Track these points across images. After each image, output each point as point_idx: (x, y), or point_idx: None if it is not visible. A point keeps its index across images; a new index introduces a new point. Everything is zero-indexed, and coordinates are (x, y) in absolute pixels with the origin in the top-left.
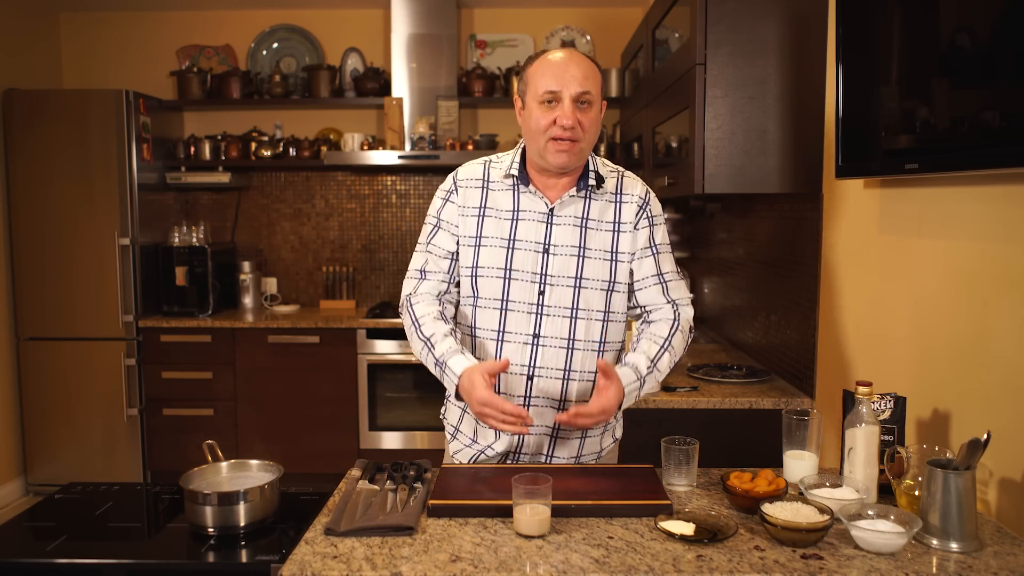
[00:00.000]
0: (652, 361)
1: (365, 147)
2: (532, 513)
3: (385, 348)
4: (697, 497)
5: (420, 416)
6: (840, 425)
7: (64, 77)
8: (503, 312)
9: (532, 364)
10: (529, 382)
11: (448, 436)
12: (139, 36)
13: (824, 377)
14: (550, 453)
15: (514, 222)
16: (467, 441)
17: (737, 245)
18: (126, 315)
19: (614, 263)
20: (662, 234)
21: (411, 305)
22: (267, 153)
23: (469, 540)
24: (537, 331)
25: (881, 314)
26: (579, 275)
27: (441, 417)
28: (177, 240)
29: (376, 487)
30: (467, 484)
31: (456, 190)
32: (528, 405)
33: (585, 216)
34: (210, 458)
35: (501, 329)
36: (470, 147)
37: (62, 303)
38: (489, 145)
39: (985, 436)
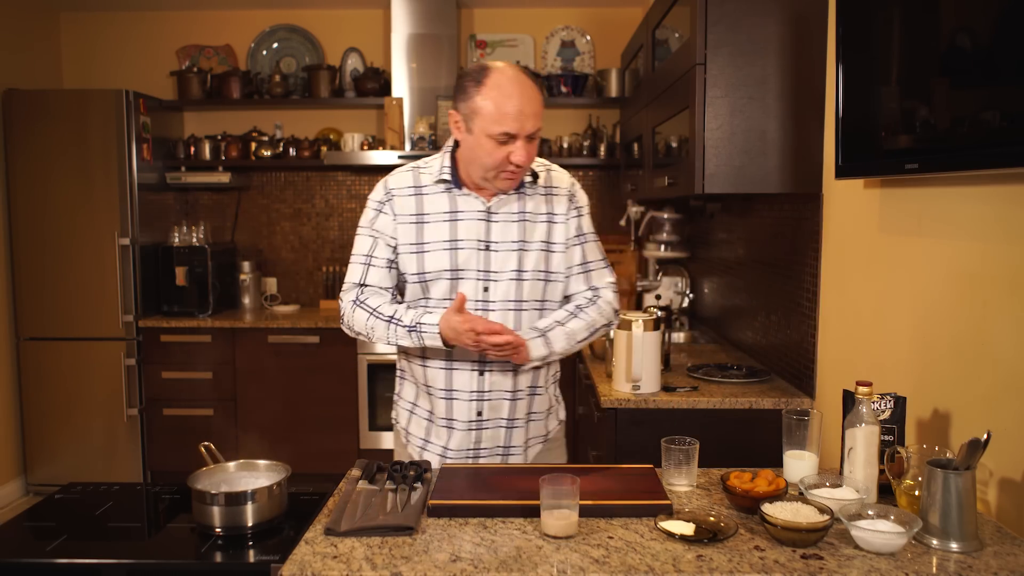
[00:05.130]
0: (558, 321)
1: (365, 147)
2: (559, 517)
3: (385, 348)
4: (697, 497)
5: None
6: (840, 425)
7: (64, 77)
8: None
9: (483, 359)
10: (481, 377)
11: (403, 440)
12: (139, 36)
13: (824, 377)
14: (508, 443)
15: (453, 223)
16: (419, 443)
17: (737, 245)
18: (126, 315)
19: (548, 253)
20: (588, 223)
21: (362, 302)
22: (267, 153)
23: (469, 540)
24: None
25: (881, 314)
26: (519, 268)
27: (393, 420)
28: (177, 240)
29: (376, 487)
30: (467, 484)
31: (390, 200)
32: (483, 399)
33: (522, 211)
34: (209, 460)
35: None
36: None
37: (62, 303)
38: None
39: (985, 436)
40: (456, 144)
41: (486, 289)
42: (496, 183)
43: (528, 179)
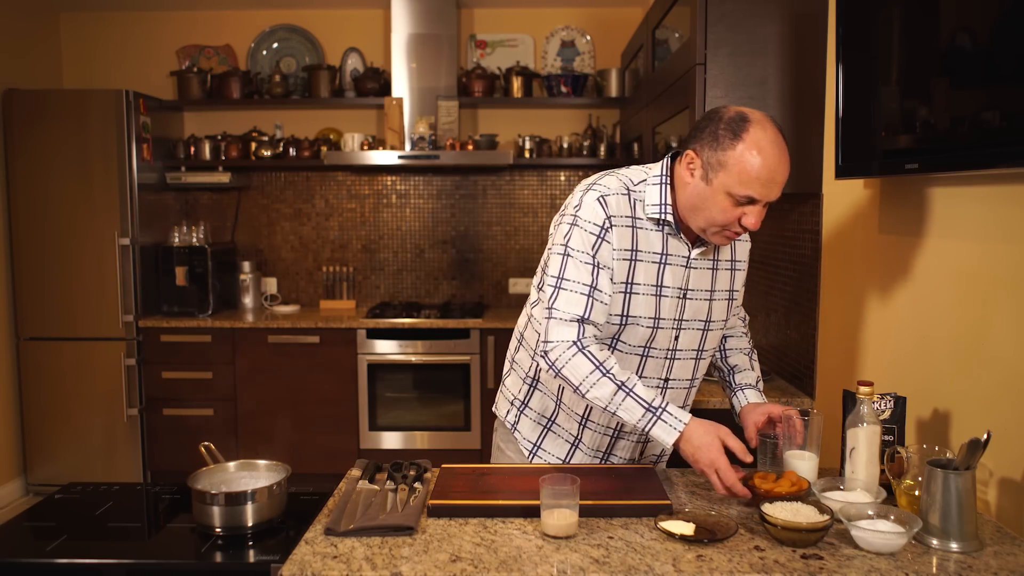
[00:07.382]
0: (759, 377)
1: (365, 147)
2: (559, 517)
3: (385, 348)
4: (698, 497)
5: (420, 416)
6: (840, 425)
7: (64, 77)
8: (643, 359)
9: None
10: None
11: (524, 451)
12: (139, 36)
13: (824, 377)
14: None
15: (662, 266)
16: (554, 460)
17: None
18: (126, 315)
19: (730, 301)
20: None
21: (584, 348)
22: (267, 153)
23: (469, 540)
24: (667, 375)
25: (881, 314)
26: (708, 318)
27: (510, 427)
28: (177, 240)
29: (376, 487)
30: (467, 484)
31: (611, 228)
32: (649, 439)
33: (715, 258)
34: (209, 460)
35: (638, 375)
36: (470, 147)
37: (62, 303)
38: (489, 145)
39: (985, 436)
40: (671, 173)
41: (676, 338)
42: (713, 237)
43: None
